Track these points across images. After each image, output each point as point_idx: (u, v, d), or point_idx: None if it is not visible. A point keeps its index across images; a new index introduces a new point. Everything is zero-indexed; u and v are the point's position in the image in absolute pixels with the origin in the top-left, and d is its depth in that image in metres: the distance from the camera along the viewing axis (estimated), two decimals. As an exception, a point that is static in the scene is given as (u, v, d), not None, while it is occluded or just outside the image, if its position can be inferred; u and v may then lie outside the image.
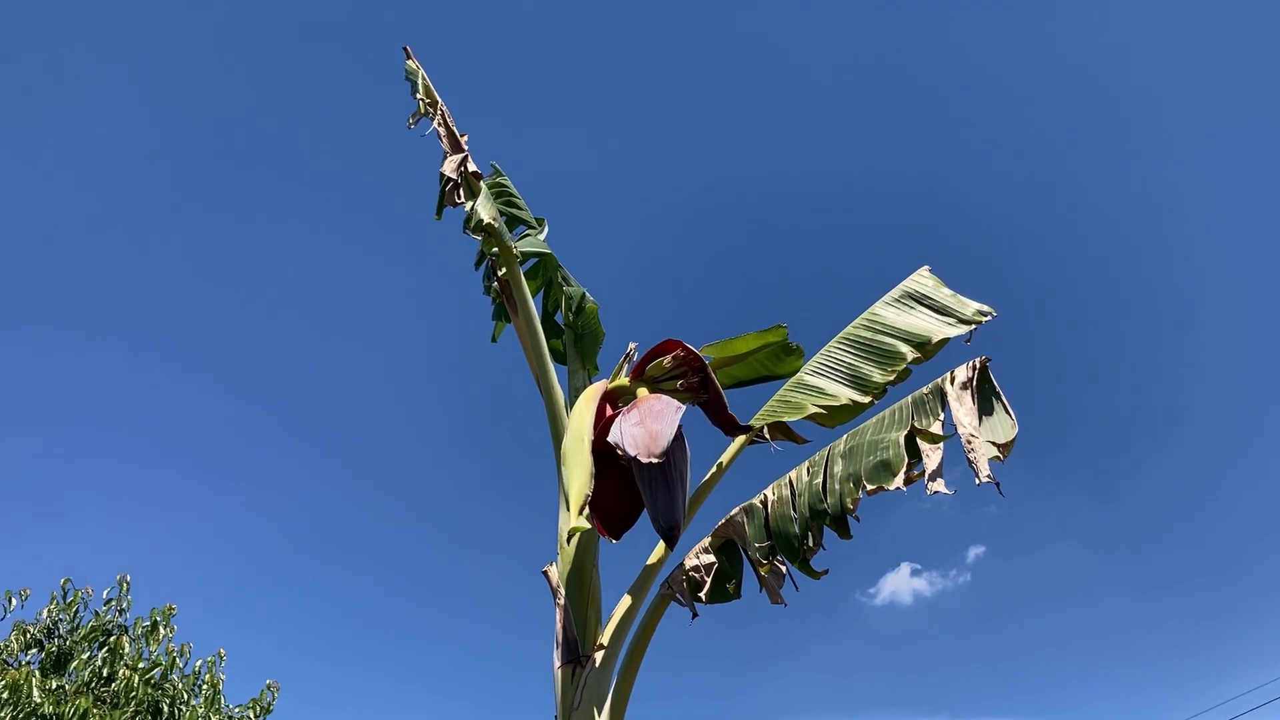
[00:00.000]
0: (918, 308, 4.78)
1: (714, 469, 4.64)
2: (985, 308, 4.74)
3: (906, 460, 3.37)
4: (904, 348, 4.62)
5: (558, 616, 4.33)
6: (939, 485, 3.20)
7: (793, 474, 3.86)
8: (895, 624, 32.75)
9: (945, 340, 4.64)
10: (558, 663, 4.24)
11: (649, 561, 4.47)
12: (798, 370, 4.82)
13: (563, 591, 4.36)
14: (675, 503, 4.13)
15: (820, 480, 3.62)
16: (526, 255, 4.92)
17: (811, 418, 4.58)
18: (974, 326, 4.68)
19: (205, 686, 10.89)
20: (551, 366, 4.74)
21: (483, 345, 5.41)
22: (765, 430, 4.61)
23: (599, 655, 4.21)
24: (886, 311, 4.83)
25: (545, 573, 4.52)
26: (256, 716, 11.29)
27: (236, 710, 11.20)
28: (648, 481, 4.16)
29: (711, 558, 3.99)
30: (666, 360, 4.48)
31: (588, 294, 5.11)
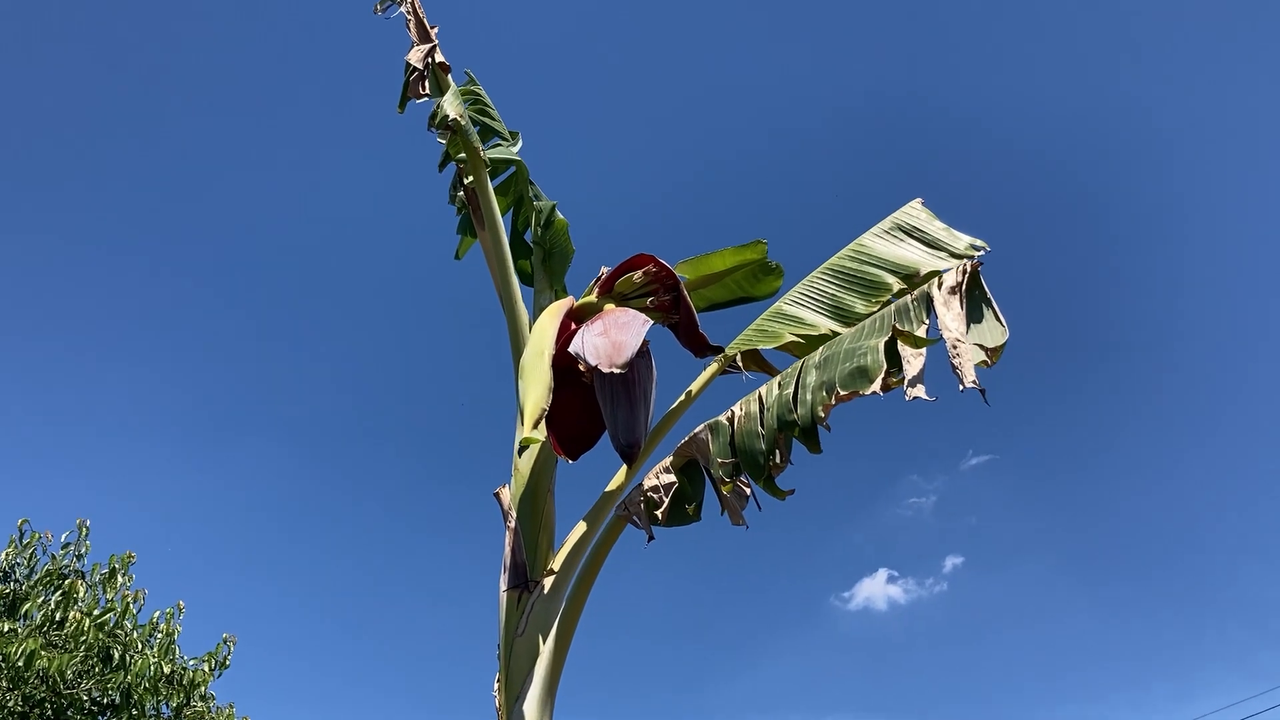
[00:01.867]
0: (907, 240, 4.53)
1: (683, 397, 4.38)
2: (979, 242, 4.49)
3: (885, 367, 3.11)
4: (890, 279, 4.37)
5: (507, 540, 4.07)
6: (919, 391, 2.94)
7: (762, 389, 3.60)
8: (868, 629, 32.62)
9: (935, 273, 4.39)
10: (504, 587, 3.98)
11: (608, 488, 4.21)
12: (775, 291, 4.56)
13: (514, 514, 4.09)
14: (636, 420, 3.86)
15: (791, 391, 3.36)
16: (496, 163, 4.64)
17: (787, 347, 4.32)
18: (965, 261, 4.43)
19: (160, 636, 10.59)
20: (516, 282, 4.47)
21: (448, 262, 5.12)
22: (739, 359, 4.35)
23: (548, 581, 3.95)
24: (874, 243, 4.57)
25: (497, 495, 4.26)
26: (211, 670, 11.00)
27: (191, 662, 10.90)
28: (609, 396, 3.89)
29: (672, 477, 3.73)
30: (637, 275, 4.21)
31: (557, 208, 4.83)
